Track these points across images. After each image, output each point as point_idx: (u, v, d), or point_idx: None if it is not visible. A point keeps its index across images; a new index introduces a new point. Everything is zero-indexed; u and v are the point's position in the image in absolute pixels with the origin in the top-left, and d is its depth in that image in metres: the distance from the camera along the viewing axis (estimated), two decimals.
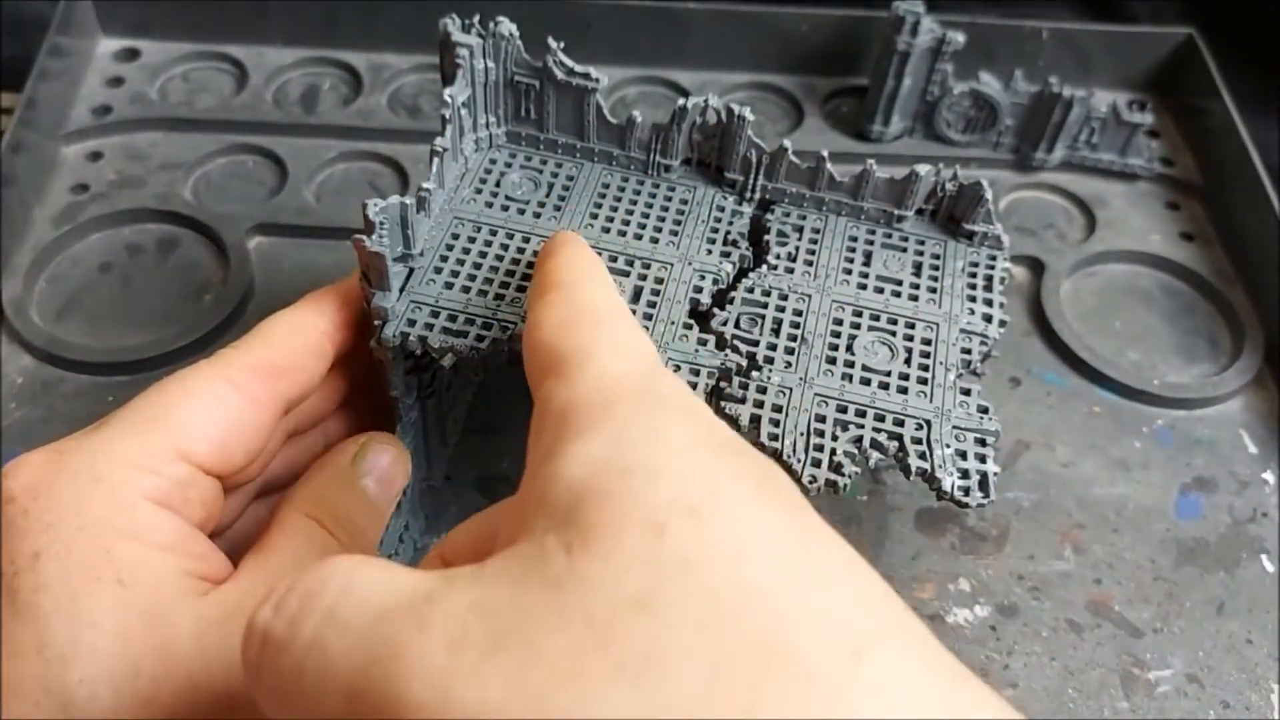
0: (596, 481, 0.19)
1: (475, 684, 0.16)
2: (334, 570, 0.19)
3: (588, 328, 0.24)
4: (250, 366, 0.29)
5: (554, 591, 0.17)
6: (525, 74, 0.35)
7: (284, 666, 0.18)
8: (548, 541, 0.18)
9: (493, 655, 0.16)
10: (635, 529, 0.18)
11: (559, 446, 0.20)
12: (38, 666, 0.23)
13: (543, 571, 0.18)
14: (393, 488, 0.31)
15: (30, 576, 0.24)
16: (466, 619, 0.17)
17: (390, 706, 0.17)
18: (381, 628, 0.17)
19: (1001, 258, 0.36)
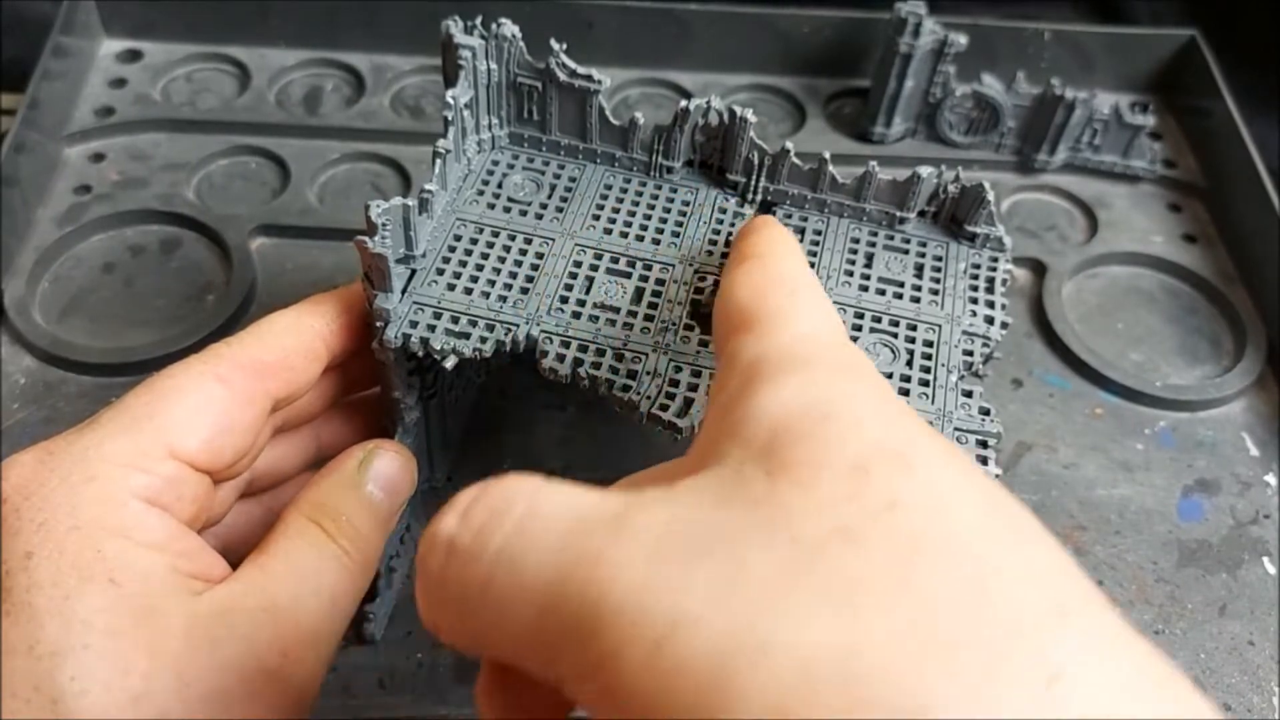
0: (796, 421, 0.19)
1: (677, 592, 0.16)
2: (519, 486, 0.19)
3: (783, 294, 0.24)
4: (240, 363, 0.29)
5: (757, 511, 0.17)
6: (528, 75, 0.36)
7: (471, 576, 0.18)
8: (745, 469, 0.18)
9: (695, 566, 0.17)
10: (840, 466, 0.18)
11: (753, 389, 0.20)
12: (29, 664, 0.23)
13: (743, 493, 0.18)
14: (398, 496, 0.31)
15: (23, 576, 0.24)
16: (666, 531, 0.17)
17: (586, 614, 0.17)
18: (576, 539, 0.18)
19: (1003, 259, 0.36)
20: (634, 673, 0.16)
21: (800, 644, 0.15)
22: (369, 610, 0.35)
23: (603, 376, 0.30)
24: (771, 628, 0.15)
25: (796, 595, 0.16)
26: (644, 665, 0.16)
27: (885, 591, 0.16)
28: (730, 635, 0.16)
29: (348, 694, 0.35)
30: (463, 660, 0.36)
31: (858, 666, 0.15)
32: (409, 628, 0.37)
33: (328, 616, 0.27)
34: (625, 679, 0.16)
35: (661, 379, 0.30)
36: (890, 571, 0.16)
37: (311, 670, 0.26)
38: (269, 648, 0.25)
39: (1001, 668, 0.15)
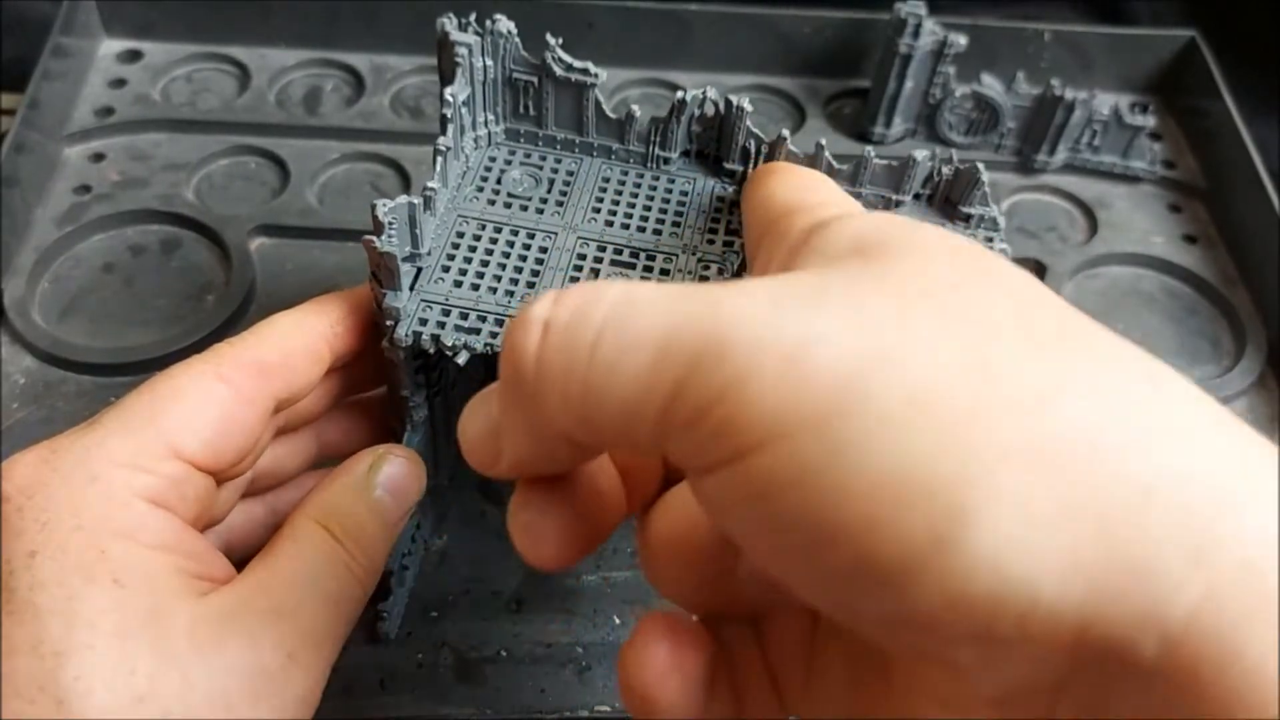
0: (881, 230, 0.20)
1: (803, 320, 0.17)
2: (610, 284, 0.19)
3: (823, 189, 0.27)
4: (243, 363, 0.29)
5: (865, 272, 0.18)
6: (524, 71, 0.36)
7: (576, 343, 0.18)
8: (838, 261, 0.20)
9: (816, 305, 0.17)
10: (933, 248, 0.19)
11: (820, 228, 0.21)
12: (33, 664, 0.23)
13: (845, 268, 0.19)
14: (407, 501, 0.31)
15: (26, 575, 0.24)
16: (778, 287, 0.18)
17: (710, 346, 0.17)
18: (688, 296, 0.18)
19: (998, 238, 0.36)
20: (763, 390, 0.16)
21: (928, 352, 0.16)
22: (382, 609, 0.35)
23: None
24: (899, 341, 0.16)
25: (918, 321, 0.17)
26: (774, 380, 0.16)
27: (998, 323, 0.17)
28: (860, 349, 0.16)
29: (348, 694, 0.35)
30: (463, 660, 0.36)
31: (983, 365, 0.16)
32: (410, 628, 0.37)
33: (333, 620, 0.27)
34: (753, 398, 0.16)
35: None
36: (999, 309, 0.18)
37: (315, 673, 0.26)
38: (274, 650, 0.25)
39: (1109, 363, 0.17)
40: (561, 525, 0.23)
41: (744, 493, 0.17)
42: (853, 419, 0.16)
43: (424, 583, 0.38)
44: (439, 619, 0.37)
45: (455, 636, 0.37)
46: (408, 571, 0.37)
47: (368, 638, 0.36)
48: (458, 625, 0.37)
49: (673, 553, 0.24)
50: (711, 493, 0.18)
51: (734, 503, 0.17)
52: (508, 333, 0.20)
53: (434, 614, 0.37)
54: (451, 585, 0.38)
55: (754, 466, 0.16)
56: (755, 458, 0.16)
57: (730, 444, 0.17)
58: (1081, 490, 0.15)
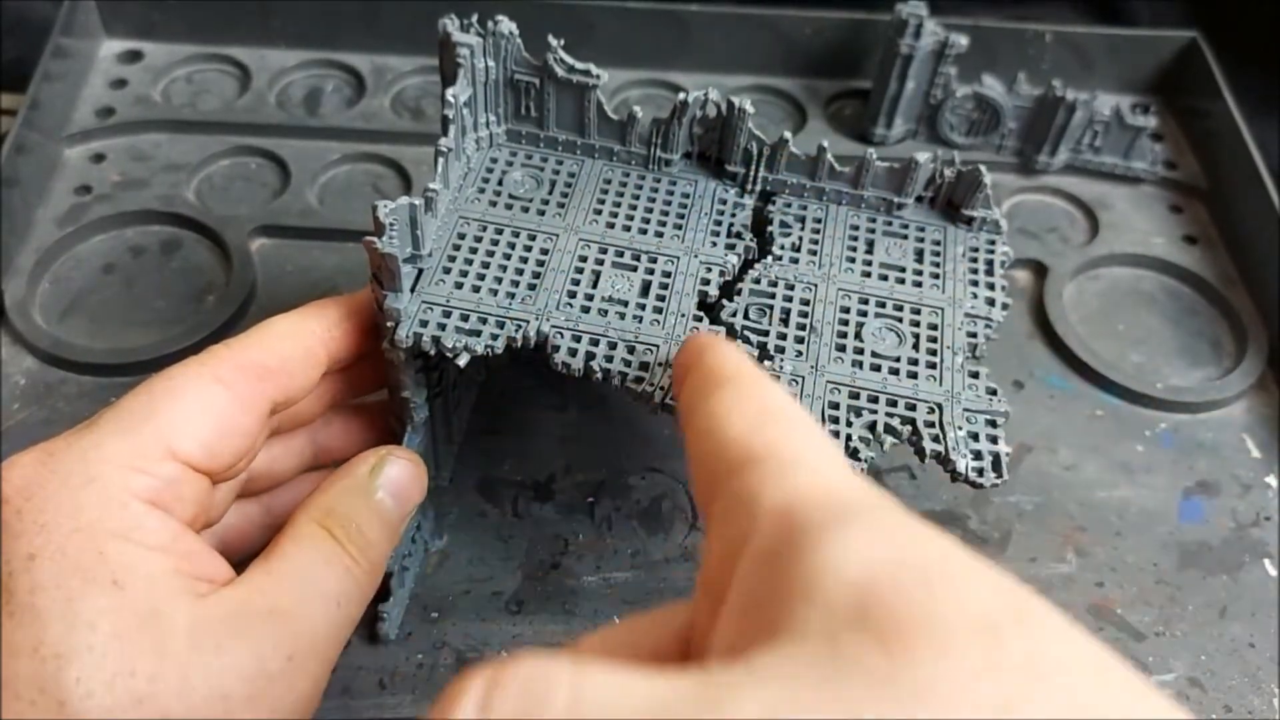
0: (889, 581, 0.17)
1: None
2: (551, 671, 0.16)
3: (785, 428, 0.22)
4: (240, 365, 0.29)
5: (884, 694, 0.15)
6: (525, 72, 0.36)
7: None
8: (843, 640, 0.16)
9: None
10: (965, 629, 0.16)
11: (809, 543, 0.18)
12: (34, 666, 0.23)
13: (856, 671, 0.15)
14: (408, 502, 0.31)
15: (26, 578, 0.24)
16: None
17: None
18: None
19: (1000, 241, 0.36)
20: None
21: None
22: (383, 610, 0.35)
23: (615, 369, 0.31)
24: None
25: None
26: None
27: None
28: None
29: (348, 694, 0.35)
30: (463, 661, 0.36)
31: None
32: (409, 628, 0.37)
33: (333, 622, 0.27)
34: None
35: None
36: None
37: (315, 674, 0.26)
38: (273, 652, 0.25)
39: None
40: None
41: None
42: None
43: (424, 583, 0.38)
44: (439, 620, 0.37)
45: (455, 637, 0.37)
46: (408, 572, 0.37)
47: (368, 638, 0.36)
48: (458, 626, 0.37)
49: None
50: None
51: None
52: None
53: (434, 615, 0.37)
54: (452, 586, 0.38)
55: None
56: None
57: None
58: None
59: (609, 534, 0.40)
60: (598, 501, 0.41)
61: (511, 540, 0.40)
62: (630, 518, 0.40)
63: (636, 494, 0.41)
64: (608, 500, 0.41)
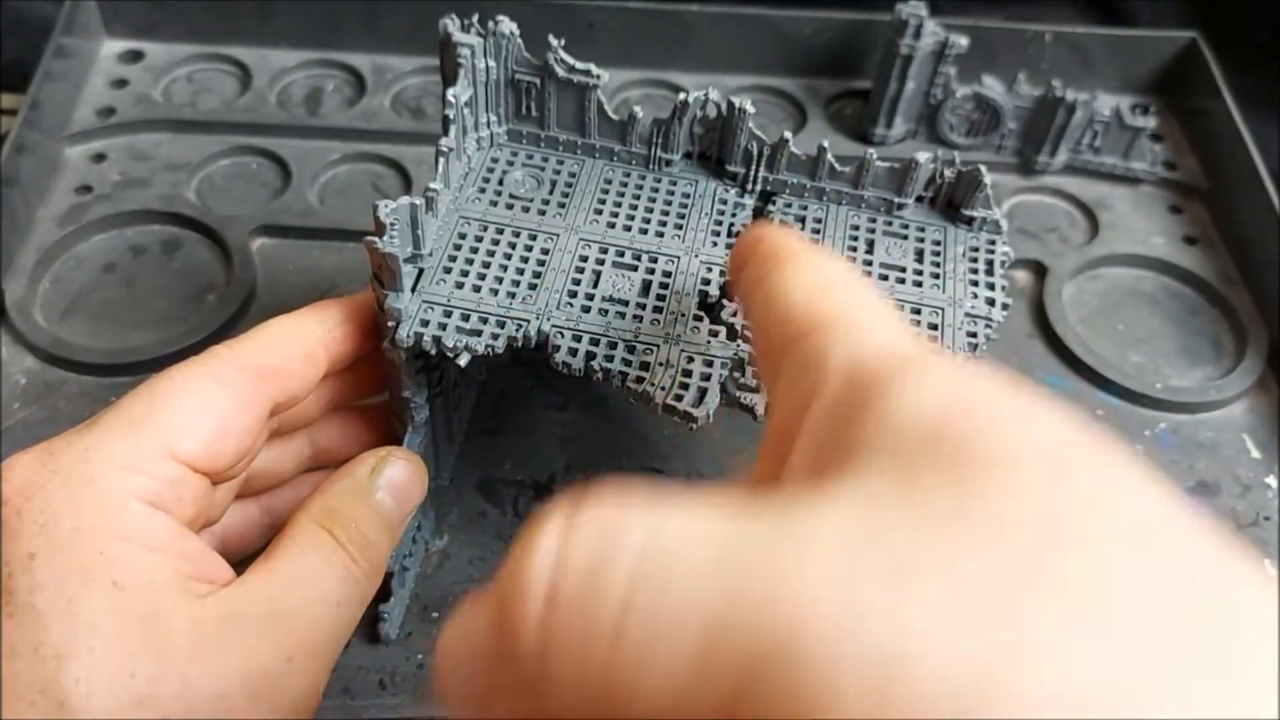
0: (958, 418, 0.17)
1: (894, 616, 0.14)
2: (623, 511, 0.16)
3: (848, 295, 0.22)
4: (241, 366, 0.29)
5: (957, 518, 0.15)
6: (526, 72, 0.36)
7: (595, 619, 0.15)
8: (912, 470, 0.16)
9: (906, 586, 0.14)
10: (1038, 463, 0.16)
11: (877, 389, 0.18)
12: (33, 666, 0.23)
13: (927, 498, 0.15)
14: (408, 503, 0.31)
15: (25, 578, 0.24)
16: (849, 543, 0.15)
17: (775, 646, 0.14)
18: (736, 557, 0.15)
19: (1001, 241, 0.36)
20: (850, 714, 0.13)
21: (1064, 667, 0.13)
22: (383, 610, 0.35)
23: (615, 369, 0.31)
24: (1024, 648, 0.13)
25: (1042, 615, 0.14)
26: (864, 704, 0.13)
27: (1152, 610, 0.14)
28: (972, 661, 0.13)
29: (348, 695, 0.35)
30: None
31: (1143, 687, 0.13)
32: (409, 629, 0.37)
33: (333, 623, 0.27)
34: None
35: (674, 369, 0.31)
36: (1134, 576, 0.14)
37: (315, 675, 0.26)
38: (273, 653, 0.25)
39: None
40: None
41: None
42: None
43: (425, 584, 0.38)
44: (440, 620, 0.37)
45: None
46: (408, 573, 0.37)
47: (368, 638, 0.36)
48: None
49: None
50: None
51: None
52: (498, 588, 0.16)
53: (434, 615, 0.37)
54: (452, 586, 0.38)
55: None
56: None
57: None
58: None
59: None
60: None
61: (512, 540, 0.39)
62: None
63: None
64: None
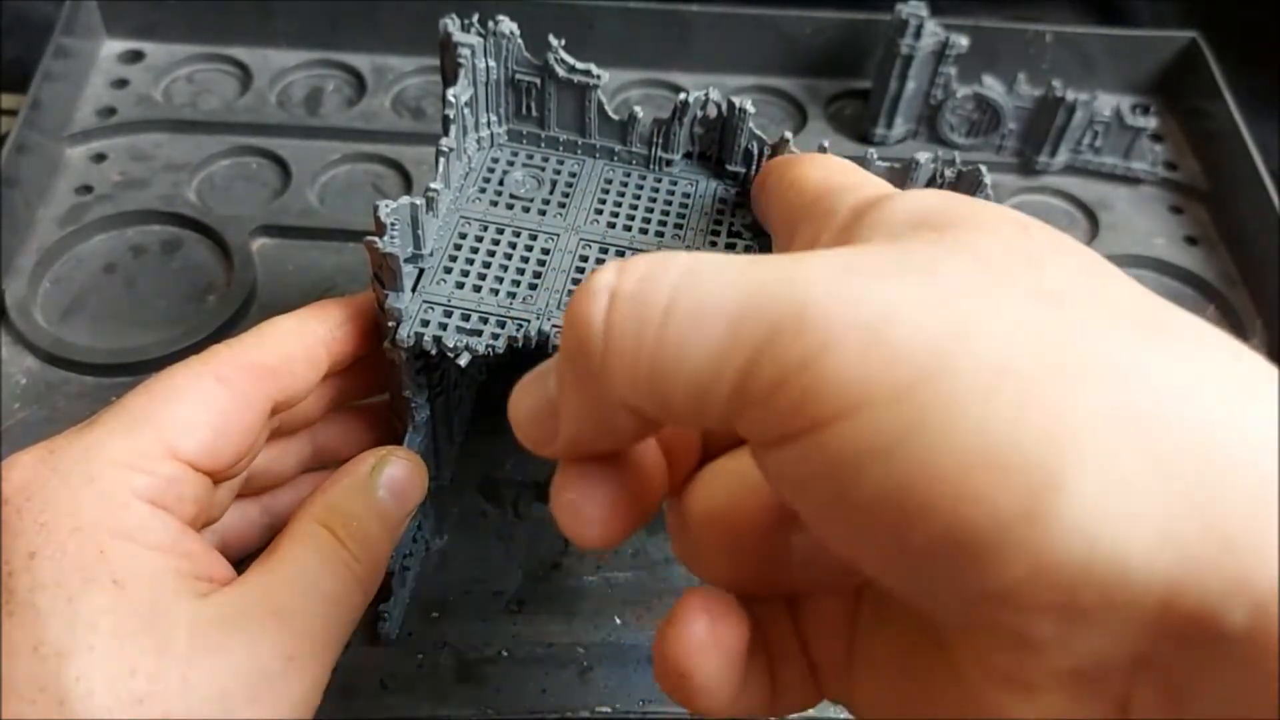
0: (938, 207, 0.20)
1: (883, 291, 0.17)
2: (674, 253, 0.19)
3: (859, 174, 0.26)
4: (241, 365, 0.29)
5: (936, 248, 0.18)
6: (526, 72, 0.36)
7: (647, 309, 0.18)
8: (905, 236, 0.19)
9: (892, 276, 0.17)
10: (1003, 223, 0.19)
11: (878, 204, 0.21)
12: (34, 665, 0.23)
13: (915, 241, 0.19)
14: (409, 502, 0.31)
15: (26, 577, 0.24)
16: (851, 257, 0.18)
17: (787, 315, 0.17)
18: (759, 265, 0.18)
19: None
20: (845, 360, 0.16)
21: (1012, 323, 0.16)
22: (383, 610, 0.35)
23: None
24: (980, 312, 0.16)
25: (997, 293, 0.17)
26: (857, 350, 0.16)
27: (1080, 300, 0.17)
28: (942, 319, 0.16)
29: (349, 695, 0.35)
30: (464, 661, 0.36)
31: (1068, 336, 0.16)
32: (410, 628, 0.37)
33: (334, 622, 0.27)
34: (834, 368, 0.16)
35: None
36: (1079, 286, 0.18)
37: (315, 674, 0.26)
38: (274, 652, 0.25)
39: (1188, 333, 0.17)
40: (607, 504, 0.22)
41: (822, 465, 0.17)
42: (938, 389, 0.16)
43: (425, 583, 0.38)
44: (440, 619, 0.37)
45: (456, 637, 0.37)
46: (409, 572, 0.37)
47: (369, 638, 0.36)
48: (459, 626, 0.37)
49: (715, 531, 0.23)
50: (785, 467, 0.18)
51: (810, 476, 0.17)
52: (571, 304, 0.19)
53: (435, 615, 0.37)
54: (452, 586, 0.38)
55: (834, 437, 0.16)
56: (836, 428, 0.16)
57: (809, 415, 0.16)
58: (1171, 457, 0.15)
59: None
60: None
61: (512, 540, 0.40)
62: None
63: None
64: None
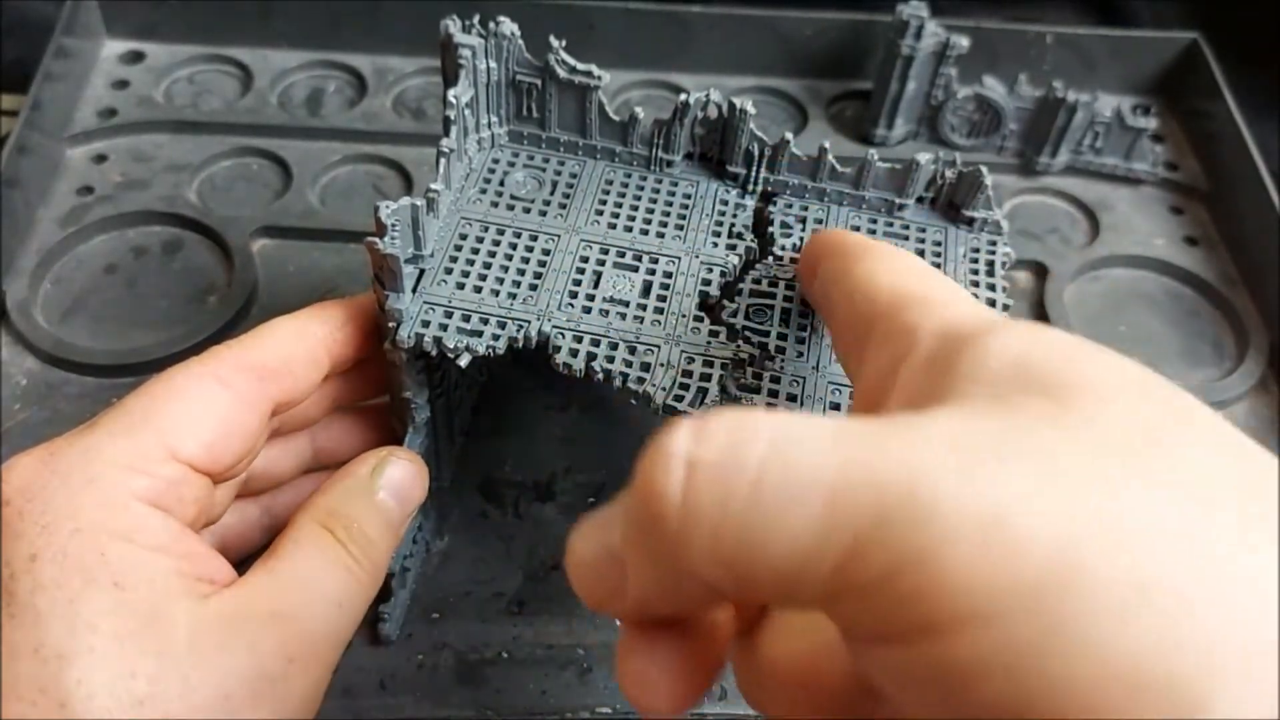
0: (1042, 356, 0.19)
1: (998, 482, 0.16)
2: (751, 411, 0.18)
3: (934, 279, 0.25)
4: (242, 366, 0.29)
5: (1049, 421, 0.17)
6: (527, 73, 0.36)
7: (732, 484, 0.17)
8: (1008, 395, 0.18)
9: (1008, 458, 0.16)
10: (1118, 386, 0.18)
11: (969, 342, 0.20)
12: (34, 667, 0.23)
13: (1024, 408, 0.17)
14: (409, 503, 0.31)
15: (27, 579, 0.24)
16: (953, 434, 0.17)
17: (895, 505, 0.16)
18: (855, 439, 0.17)
19: (1001, 242, 0.36)
20: (961, 561, 0.15)
21: (1147, 525, 0.15)
22: (384, 610, 0.35)
23: (616, 370, 0.31)
24: (1110, 511, 0.15)
25: (1126, 486, 0.16)
26: (975, 550, 0.15)
27: (1218, 487, 0.16)
28: (1069, 519, 0.15)
29: (349, 695, 0.35)
30: (464, 662, 0.36)
31: (1208, 542, 0.15)
32: (410, 629, 0.37)
33: (335, 623, 0.27)
34: (950, 569, 0.15)
35: (675, 370, 0.31)
36: (1215, 468, 0.16)
37: (316, 675, 0.26)
38: (274, 654, 0.25)
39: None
40: (676, 672, 0.21)
41: (933, 670, 0.16)
42: (1071, 601, 0.15)
43: (425, 584, 0.38)
44: (440, 620, 0.37)
45: (456, 638, 0.37)
46: (409, 573, 0.37)
47: (369, 639, 0.36)
48: (459, 627, 0.37)
49: (793, 687, 0.22)
50: (889, 665, 0.17)
51: (918, 679, 0.16)
52: (642, 469, 0.18)
53: (435, 615, 0.37)
54: (453, 587, 0.38)
55: (952, 647, 0.15)
56: (954, 638, 0.15)
57: (919, 617, 0.15)
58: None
59: None
60: (599, 502, 0.41)
61: (513, 541, 0.40)
62: None
63: None
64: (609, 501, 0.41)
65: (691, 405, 0.30)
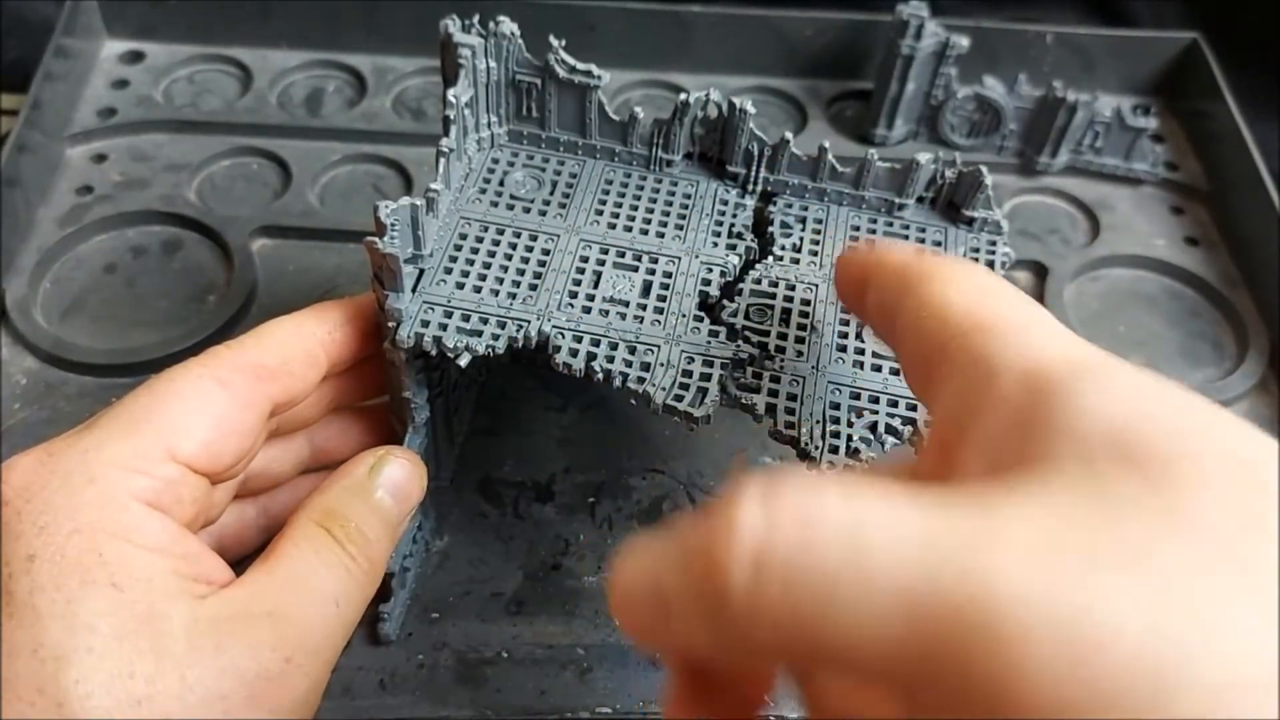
0: (1142, 421, 0.18)
1: (1087, 585, 0.15)
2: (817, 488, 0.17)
3: (1008, 300, 0.23)
4: (240, 366, 0.29)
5: (1145, 509, 0.16)
6: (527, 73, 0.36)
7: (805, 586, 0.16)
8: (1104, 469, 0.17)
9: (1099, 560, 0.15)
10: (1223, 463, 0.17)
11: (1061, 393, 0.19)
12: (33, 667, 0.23)
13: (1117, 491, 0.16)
14: (408, 502, 0.31)
15: (25, 579, 0.24)
16: (1041, 530, 0.16)
17: (973, 614, 0.15)
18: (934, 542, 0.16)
19: (1001, 242, 0.36)
20: (1044, 674, 0.15)
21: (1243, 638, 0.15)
22: (383, 610, 0.35)
23: (616, 370, 0.31)
24: (1207, 623, 0.15)
25: (1224, 588, 0.15)
26: (1059, 664, 0.15)
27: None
28: (1162, 634, 0.15)
29: (348, 695, 0.35)
30: (463, 661, 0.36)
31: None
32: (410, 629, 0.37)
33: (333, 623, 0.27)
34: (1031, 681, 0.15)
35: (675, 370, 0.31)
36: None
37: (315, 675, 0.26)
38: (272, 653, 0.25)
39: None
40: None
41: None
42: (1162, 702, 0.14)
43: (425, 584, 0.38)
44: (439, 620, 0.37)
45: (456, 638, 0.37)
46: (408, 573, 0.37)
47: (368, 639, 0.36)
48: (458, 626, 0.37)
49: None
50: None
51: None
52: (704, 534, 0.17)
53: (434, 615, 0.37)
54: (452, 586, 0.38)
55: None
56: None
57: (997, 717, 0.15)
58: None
59: (610, 535, 0.40)
60: (598, 502, 0.41)
61: (512, 541, 0.40)
62: (631, 518, 0.40)
63: (637, 495, 0.41)
64: (608, 501, 0.41)
65: (691, 405, 0.30)
